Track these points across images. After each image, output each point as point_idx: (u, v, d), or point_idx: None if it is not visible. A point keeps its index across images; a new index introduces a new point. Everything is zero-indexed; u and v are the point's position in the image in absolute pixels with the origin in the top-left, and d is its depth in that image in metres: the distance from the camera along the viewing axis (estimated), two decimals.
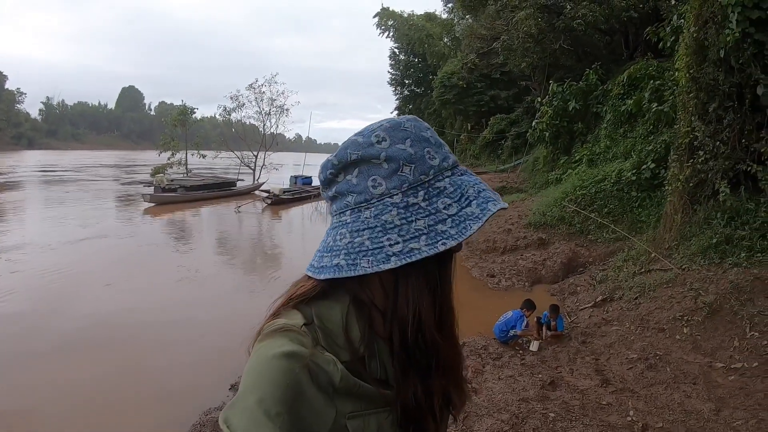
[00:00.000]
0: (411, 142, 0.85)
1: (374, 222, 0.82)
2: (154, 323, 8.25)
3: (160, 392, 6.05)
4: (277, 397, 0.73)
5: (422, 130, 0.88)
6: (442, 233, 0.79)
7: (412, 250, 0.79)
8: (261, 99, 33.94)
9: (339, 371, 0.80)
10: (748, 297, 6.12)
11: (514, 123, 27.39)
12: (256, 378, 0.75)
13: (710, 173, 7.81)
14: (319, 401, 0.78)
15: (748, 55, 7.02)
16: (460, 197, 0.82)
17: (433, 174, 0.84)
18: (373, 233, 0.82)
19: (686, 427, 4.38)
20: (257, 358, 0.78)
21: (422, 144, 0.86)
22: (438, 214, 0.81)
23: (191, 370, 6.62)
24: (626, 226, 10.82)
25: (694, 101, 7.96)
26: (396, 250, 0.79)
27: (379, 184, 0.84)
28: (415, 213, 0.81)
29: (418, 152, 0.85)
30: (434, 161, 0.85)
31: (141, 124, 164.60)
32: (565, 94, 17.04)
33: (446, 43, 40.21)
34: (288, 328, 0.81)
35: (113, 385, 6.20)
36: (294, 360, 0.76)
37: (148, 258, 13.10)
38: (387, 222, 0.81)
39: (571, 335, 7.02)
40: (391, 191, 0.83)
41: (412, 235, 0.80)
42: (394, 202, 0.82)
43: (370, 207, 0.84)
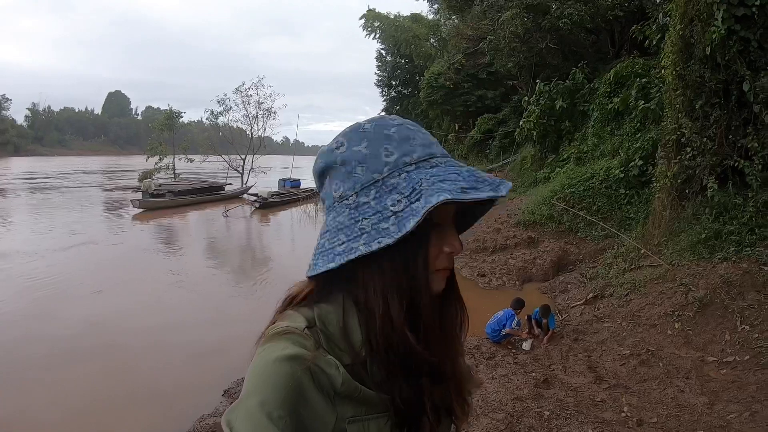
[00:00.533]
0: (368, 142, 0.85)
1: (332, 224, 0.84)
2: (145, 330, 8.17)
3: (153, 399, 6.01)
4: (279, 400, 0.73)
5: (385, 128, 0.87)
6: (383, 231, 0.78)
7: (352, 250, 0.79)
8: (248, 102, 33.80)
9: (341, 374, 0.79)
10: (738, 291, 6.18)
11: (501, 122, 27.43)
12: (258, 381, 0.75)
13: (698, 169, 7.86)
14: (320, 405, 0.77)
15: (733, 52, 7.09)
16: (410, 192, 0.79)
17: (387, 171, 0.83)
18: (331, 234, 0.84)
19: (680, 421, 4.41)
20: (260, 361, 0.77)
21: (380, 142, 0.85)
22: (384, 212, 0.80)
23: (184, 377, 6.58)
24: (615, 223, 10.88)
25: (680, 98, 8.02)
26: (340, 249, 0.81)
27: (338, 187, 0.85)
28: (363, 212, 0.81)
29: (373, 151, 0.84)
30: (391, 158, 0.84)
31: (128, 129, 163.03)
32: (552, 93, 17.12)
33: (433, 44, 40.24)
34: (290, 331, 0.80)
35: (106, 391, 6.15)
36: (296, 363, 0.75)
37: (139, 264, 12.99)
38: (340, 223, 0.83)
39: (563, 333, 7.03)
40: (347, 193, 0.84)
41: (355, 235, 0.80)
42: (348, 203, 0.83)
43: (332, 210, 0.86)
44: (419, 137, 0.88)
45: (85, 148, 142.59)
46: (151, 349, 7.43)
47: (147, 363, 6.99)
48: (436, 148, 0.88)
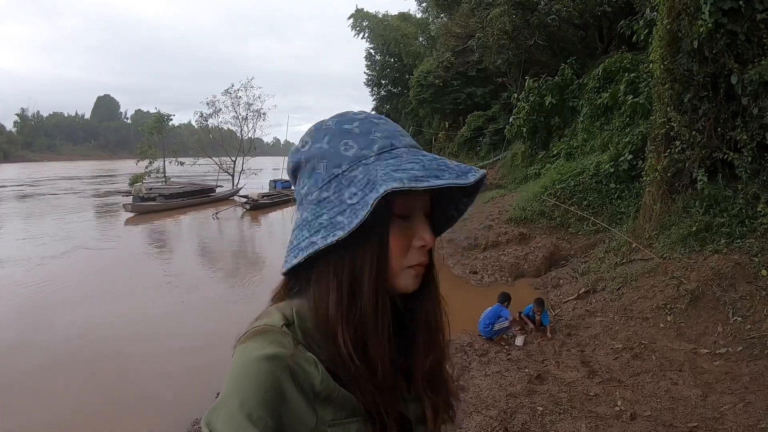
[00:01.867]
0: (329, 138, 0.86)
1: (300, 221, 0.85)
2: (139, 334, 8.12)
3: (148, 404, 5.98)
4: (259, 400, 0.72)
5: (346, 123, 0.87)
6: (338, 224, 0.78)
7: (312, 244, 0.80)
8: (237, 104, 33.78)
9: (320, 372, 0.78)
10: (729, 283, 6.20)
11: (491, 120, 27.43)
12: (237, 381, 0.75)
13: (687, 162, 7.89)
14: (300, 405, 0.77)
15: (721, 45, 7.12)
16: (366, 184, 0.79)
17: (348, 164, 0.83)
18: (298, 231, 0.85)
19: (674, 414, 4.41)
20: (238, 361, 0.77)
21: (341, 137, 0.85)
22: (341, 206, 0.80)
23: (178, 380, 6.54)
24: (606, 217, 10.90)
25: (669, 92, 8.04)
26: (303, 245, 0.82)
27: (304, 185, 0.87)
28: (323, 207, 0.82)
29: (333, 147, 0.85)
30: (350, 151, 0.84)
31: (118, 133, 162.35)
32: (542, 90, 17.14)
33: (421, 43, 40.28)
34: (268, 330, 0.80)
35: (100, 398, 6.11)
36: (275, 362, 0.75)
37: (133, 269, 12.94)
38: (304, 219, 0.84)
39: (556, 328, 7.03)
40: (311, 189, 0.85)
41: (315, 230, 0.81)
42: (311, 199, 0.84)
43: (300, 207, 0.87)
44: (382, 129, 0.87)
45: (75, 153, 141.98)
46: (145, 354, 7.38)
47: (141, 368, 6.93)
48: (400, 139, 0.87)
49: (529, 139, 17.98)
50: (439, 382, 0.97)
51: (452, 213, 0.98)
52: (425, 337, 0.94)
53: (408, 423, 0.90)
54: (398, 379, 0.88)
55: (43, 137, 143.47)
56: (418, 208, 0.87)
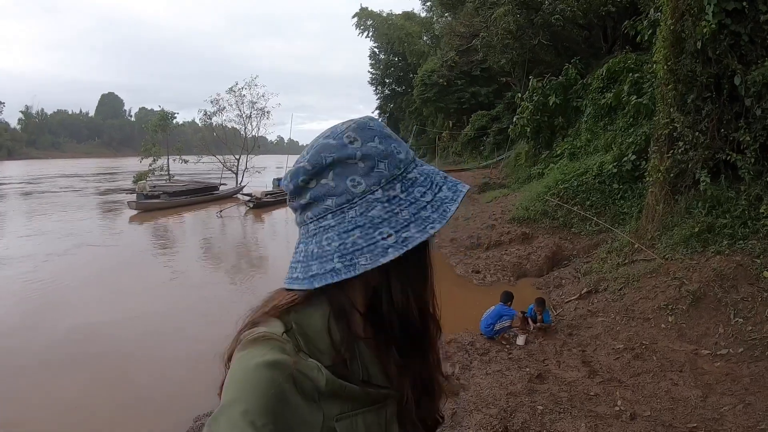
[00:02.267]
0: (379, 139, 0.86)
1: (362, 220, 0.82)
2: (142, 332, 8.15)
3: (151, 401, 6.00)
4: (261, 407, 0.72)
5: (384, 128, 0.89)
6: (427, 219, 0.81)
7: (406, 239, 0.79)
8: (241, 102, 33.79)
9: (324, 376, 0.79)
10: (731, 284, 6.19)
11: (495, 119, 27.45)
12: (239, 388, 0.74)
13: (690, 163, 7.88)
14: (304, 409, 0.77)
15: (724, 46, 7.10)
16: (431, 185, 0.85)
17: (403, 167, 0.86)
18: (363, 231, 0.81)
19: (674, 414, 4.42)
20: (240, 368, 0.76)
21: (389, 140, 0.87)
22: (418, 203, 0.82)
23: (181, 378, 6.55)
24: (609, 218, 10.89)
25: (672, 93, 8.03)
26: (391, 241, 0.80)
27: (358, 183, 0.84)
28: (398, 204, 0.82)
29: (388, 148, 0.86)
30: (401, 155, 0.87)
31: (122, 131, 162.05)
32: (545, 89, 17.12)
33: (426, 42, 40.29)
34: (269, 336, 0.80)
35: (103, 395, 6.15)
36: (277, 369, 0.75)
37: (136, 267, 13.03)
38: (375, 217, 0.82)
39: (557, 328, 7.04)
40: (372, 188, 0.83)
41: (402, 225, 0.80)
42: (377, 197, 0.83)
43: (354, 206, 0.83)
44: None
45: (79, 151, 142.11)
46: (147, 352, 7.42)
47: (144, 365, 6.97)
48: None
49: (533, 139, 17.98)
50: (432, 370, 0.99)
51: None
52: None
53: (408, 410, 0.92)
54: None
55: (47, 135, 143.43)
56: None
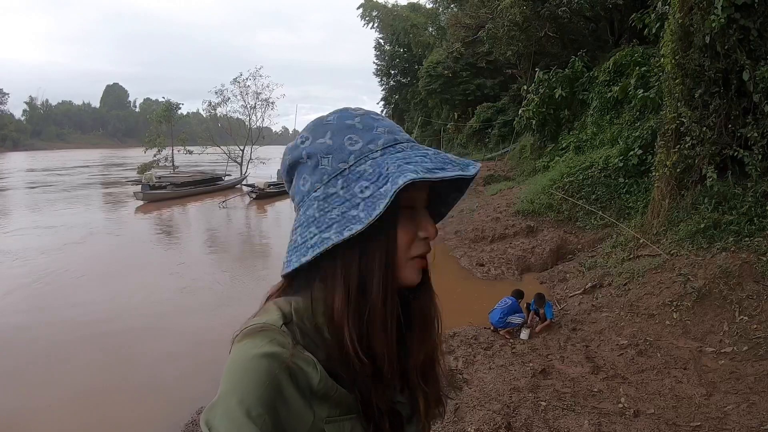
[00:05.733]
0: (332, 133, 0.86)
1: (303, 218, 0.84)
2: (145, 320, 8.22)
3: (153, 389, 6.06)
4: (257, 397, 0.73)
5: (348, 119, 0.87)
6: (352, 218, 0.78)
7: (324, 240, 0.79)
8: (246, 93, 33.90)
9: (318, 372, 0.79)
10: (736, 281, 6.17)
11: (500, 111, 27.39)
12: (236, 379, 0.75)
13: (697, 159, 7.85)
14: (298, 403, 0.77)
15: (733, 41, 7.06)
16: (377, 177, 0.79)
17: (354, 159, 0.83)
18: (302, 229, 0.84)
19: (677, 412, 4.41)
20: (237, 359, 0.77)
21: (344, 132, 0.85)
22: (353, 200, 0.79)
23: (183, 367, 6.62)
24: (614, 212, 10.87)
25: (680, 87, 7.98)
26: (312, 242, 0.81)
27: (306, 181, 0.86)
28: (332, 203, 0.81)
29: (337, 142, 0.85)
30: (356, 146, 0.84)
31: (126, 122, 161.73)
32: (551, 82, 17.07)
33: (431, 33, 40.12)
34: (267, 328, 0.79)
35: (106, 382, 6.22)
36: (274, 360, 0.75)
37: (142, 256, 13.17)
38: (310, 216, 0.83)
39: (561, 323, 7.03)
40: (315, 186, 0.84)
41: (326, 225, 0.80)
42: (317, 195, 0.83)
43: (302, 205, 0.86)
44: (383, 124, 0.88)
45: (84, 142, 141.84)
46: (149, 341, 7.48)
47: (147, 353, 7.04)
48: (400, 134, 0.88)
49: (538, 132, 17.95)
50: (431, 375, 0.97)
51: (441, 209, 0.99)
52: (420, 330, 0.94)
53: (400, 420, 0.90)
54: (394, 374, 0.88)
55: (52, 126, 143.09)
56: (420, 201, 0.88)
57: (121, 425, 5.42)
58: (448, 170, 0.79)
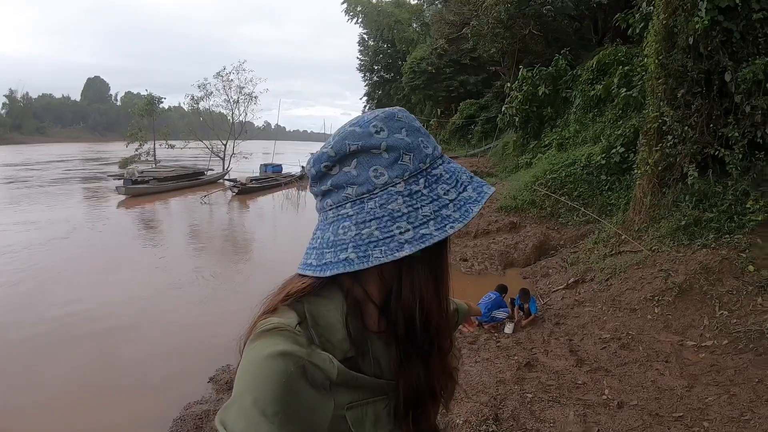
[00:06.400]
0: (406, 131, 0.86)
1: (381, 212, 0.81)
2: (130, 318, 8.11)
3: (140, 388, 5.98)
4: (273, 396, 0.73)
5: (413, 121, 0.89)
6: (448, 217, 0.80)
7: (424, 236, 0.79)
8: (229, 87, 33.66)
9: (336, 367, 0.80)
10: (716, 277, 6.29)
11: (483, 108, 27.50)
12: (251, 378, 0.75)
13: (678, 157, 7.96)
14: (315, 399, 0.78)
15: (716, 43, 7.16)
16: (456, 183, 0.84)
17: (429, 162, 0.85)
18: (381, 223, 0.80)
19: (660, 404, 4.50)
20: (251, 358, 0.77)
21: (416, 134, 0.86)
22: (440, 200, 0.81)
23: (169, 365, 6.56)
24: (596, 209, 10.98)
25: (662, 87, 8.08)
26: (408, 237, 0.79)
27: (381, 173, 0.83)
28: (419, 200, 0.81)
29: (414, 141, 0.85)
30: (428, 150, 0.86)
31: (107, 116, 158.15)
32: (535, 79, 17.20)
33: (415, 29, 40.17)
34: (282, 327, 0.80)
35: (93, 381, 6.14)
36: (289, 359, 0.76)
37: (125, 252, 12.93)
38: (394, 211, 0.81)
39: (544, 317, 7.11)
40: (394, 180, 0.82)
41: (420, 222, 0.80)
42: (398, 190, 0.82)
43: (374, 197, 0.82)
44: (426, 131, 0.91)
45: (64, 136, 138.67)
46: (136, 338, 7.39)
47: (132, 351, 6.93)
48: None
49: (521, 129, 18.06)
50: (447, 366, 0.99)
51: None
52: None
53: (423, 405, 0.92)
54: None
55: (32, 119, 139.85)
56: None
57: (108, 423, 5.34)
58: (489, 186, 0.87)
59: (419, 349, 0.87)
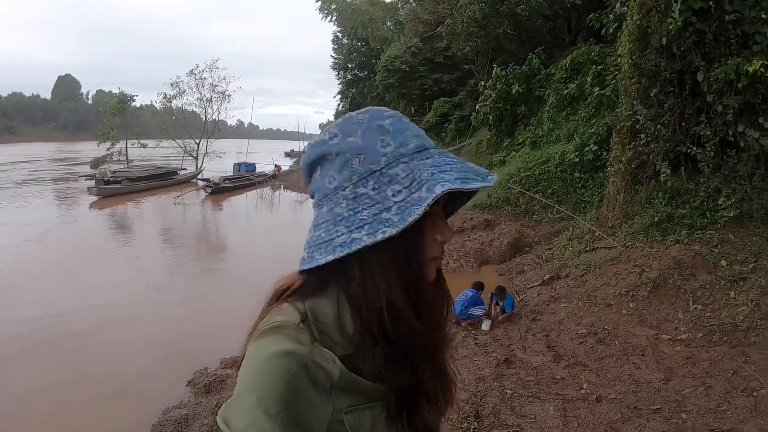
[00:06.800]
0: (362, 132, 0.85)
1: (328, 215, 0.84)
2: (107, 322, 7.95)
3: (117, 394, 5.86)
4: (276, 396, 0.74)
5: (378, 120, 0.87)
6: (385, 221, 0.78)
7: (354, 240, 0.79)
8: (202, 85, 33.38)
9: (338, 368, 0.80)
10: (690, 272, 6.41)
11: (457, 106, 27.59)
12: (254, 377, 0.76)
13: (651, 155, 8.09)
14: (316, 399, 0.78)
15: (689, 43, 7.30)
16: (411, 182, 0.80)
17: (385, 162, 0.83)
18: (327, 226, 0.83)
19: (638, 397, 4.58)
20: (255, 357, 0.78)
21: (375, 133, 0.85)
22: (385, 202, 0.80)
23: (147, 369, 6.44)
24: (570, 206, 11.10)
25: (636, 86, 8.21)
26: (341, 241, 0.80)
27: (332, 179, 0.85)
28: (362, 203, 0.81)
29: (369, 143, 0.84)
30: (387, 148, 0.84)
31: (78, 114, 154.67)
32: (509, 78, 17.30)
33: (389, 27, 40.07)
34: (285, 326, 0.81)
35: (69, 388, 5.99)
36: (292, 358, 0.76)
37: (97, 254, 12.76)
38: (337, 215, 0.82)
39: (521, 313, 7.17)
40: (343, 184, 0.83)
41: (356, 226, 0.80)
42: (345, 194, 0.83)
43: (327, 202, 0.85)
44: (412, 129, 0.88)
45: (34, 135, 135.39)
46: (111, 343, 7.24)
47: (108, 357, 6.80)
48: (428, 141, 0.88)
49: (495, 127, 18.15)
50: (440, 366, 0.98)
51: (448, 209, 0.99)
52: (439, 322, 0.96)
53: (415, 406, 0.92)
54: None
55: (1, 118, 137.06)
56: (440, 207, 0.88)
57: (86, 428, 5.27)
58: (474, 181, 0.79)
59: (398, 352, 0.85)
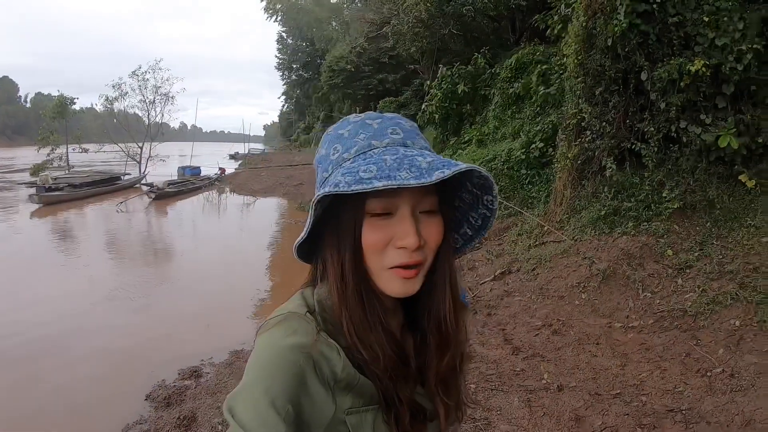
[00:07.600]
0: (326, 144, 0.91)
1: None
2: (53, 337, 7.56)
3: (70, 413, 5.53)
4: (282, 387, 0.74)
5: (341, 128, 0.90)
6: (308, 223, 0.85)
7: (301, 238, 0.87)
8: (145, 87, 32.48)
9: (342, 360, 0.81)
10: (638, 262, 6.65)
11: (402, 106, 27.78)
12: (262, 369, 0.77)
13: (597, 151, 8.32)
14: (321, 395, 0.79)
15: (633, 44, 7.56)
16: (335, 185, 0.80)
17: (331, 168, 0.86)
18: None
19: (598, 383, 4.73)
20: (263, 349, 0.79)
21: (333, 142, 0.89)
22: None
23: (100, 385, 6.14)
24: (518, 202, 11.24)
25: (581, 85, 8.43)
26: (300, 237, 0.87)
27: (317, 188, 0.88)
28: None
29: (327, 151, 0.89)
30: (335, 155, 0.87)
31: (16, 118, 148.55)
32: (454, 78, 17.49)
33: (335, 28, 40.05)
34: (291, 317, 0.83)
35: (14, 410, 5.63)
36: (299, 351, 0.78)
37: (41, 266, 12.19)
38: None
39: (476, 309, 7.26)
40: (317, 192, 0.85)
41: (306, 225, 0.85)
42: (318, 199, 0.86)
43: None
44: (370, 130, 0.87)
45: None
46: (60, 359, 6.84)
47: (57, 374, 6.41)
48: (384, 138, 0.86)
49: (441, 126, 18.35)
50: (451, 384, 0.97)
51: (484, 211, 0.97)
52: (437, 338, 0.93)
53: (422, 414, 0.91)
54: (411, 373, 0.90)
55: None
56: (403, 206, 0.83)
57: None
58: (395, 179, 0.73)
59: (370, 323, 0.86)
